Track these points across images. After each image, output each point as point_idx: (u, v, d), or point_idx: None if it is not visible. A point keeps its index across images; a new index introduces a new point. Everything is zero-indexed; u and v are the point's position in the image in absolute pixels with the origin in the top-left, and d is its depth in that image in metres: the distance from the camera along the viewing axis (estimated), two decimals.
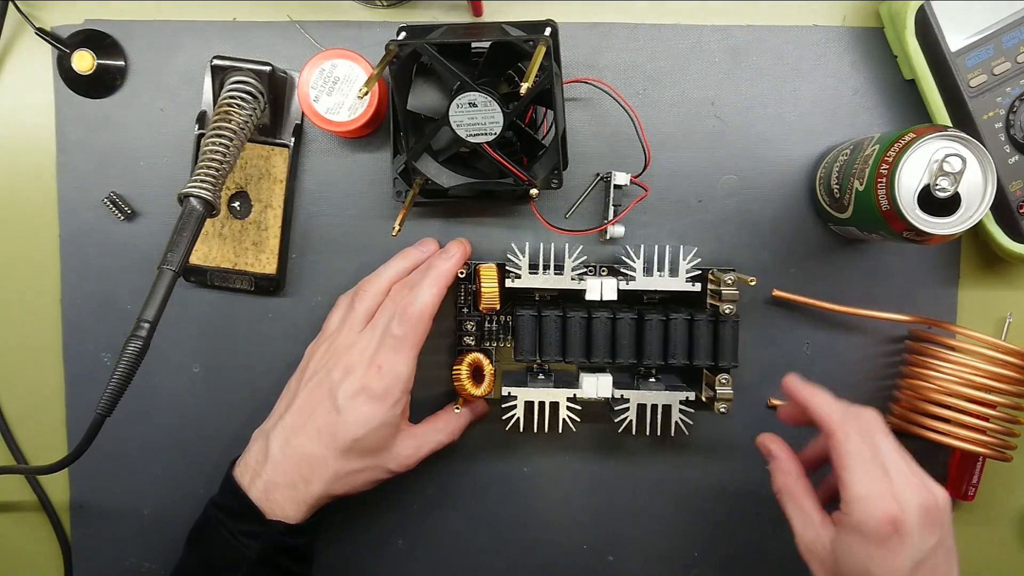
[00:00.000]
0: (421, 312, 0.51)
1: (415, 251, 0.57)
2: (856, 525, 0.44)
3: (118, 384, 0.46)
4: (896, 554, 0.43)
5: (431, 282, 0.52)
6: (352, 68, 0.55)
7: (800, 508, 0.48)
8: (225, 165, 0.52)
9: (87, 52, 0.57)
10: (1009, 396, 0.55)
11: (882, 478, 0.44)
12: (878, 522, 0.43)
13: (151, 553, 0.61)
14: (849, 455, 0.45)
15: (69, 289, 0.60)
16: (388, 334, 0.51)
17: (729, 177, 0.60)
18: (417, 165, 0.53)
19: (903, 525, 0.43)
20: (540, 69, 0.47)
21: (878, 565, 0.43)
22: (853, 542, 0.44)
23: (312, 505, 0.52)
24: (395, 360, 0.51)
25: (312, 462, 0.51)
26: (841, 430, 0.46)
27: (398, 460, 0.54)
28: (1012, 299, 0.60)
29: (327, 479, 0.51)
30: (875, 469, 0.44)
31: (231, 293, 0.60)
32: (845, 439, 0.45)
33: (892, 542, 0.43)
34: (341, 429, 0.51)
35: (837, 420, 0.46)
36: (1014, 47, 0.54)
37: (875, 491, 0.43)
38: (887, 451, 0.45)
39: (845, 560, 0.44)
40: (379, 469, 0.53)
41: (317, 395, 0.52)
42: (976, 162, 0.48)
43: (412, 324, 0.51)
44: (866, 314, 0.58)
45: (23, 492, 0.62)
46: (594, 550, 0.62)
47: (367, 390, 0.51)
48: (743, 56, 0.59)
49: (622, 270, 0.56)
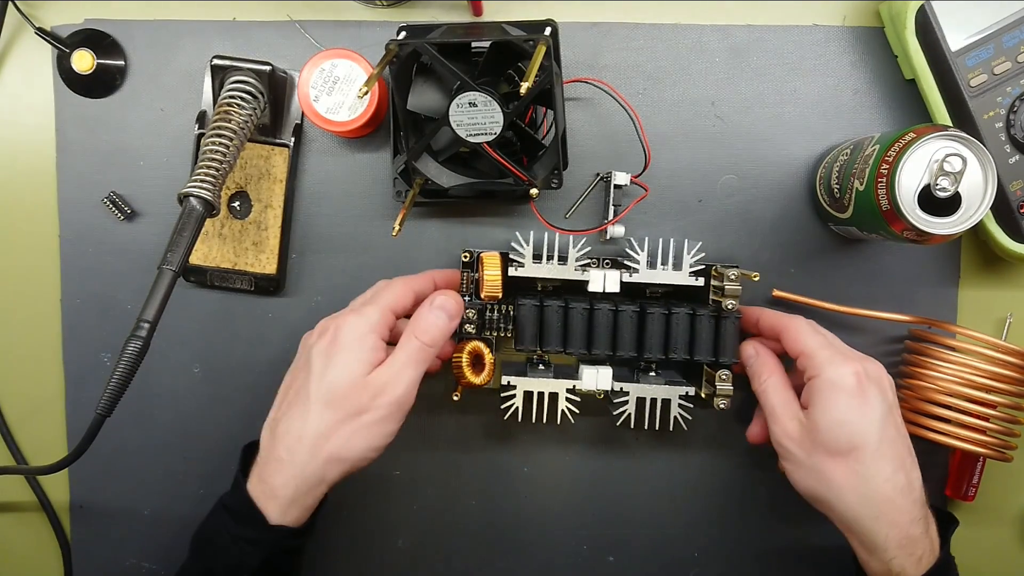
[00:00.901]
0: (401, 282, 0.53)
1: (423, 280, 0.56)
2: (826, 382, 0.50)
3: (118, 384, 0.46)
4: (866, 400, 0.49)
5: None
6: (352, 68, 0.55)
7: (783, 397, 0.53)
8: (225, 165, 0.52)
9: (87, 52, 0.57)
10: (1009, 396, 0.55)
11: (834, 348, 0.52)
12: (845, 375, 0.50)
13: (151, 553, 0.61)
14: (804, 335, 0.52)
15: (69, 289, 0.60)
16: (363, 299, 0.53)
17: (729, 177, 0.59)
18: (417, 165, 0.53)
19: (863, 376, 0.50)
20: (540, 69, 0.47)
21: (856, 415, 0.49)
22: (827, 401, 0.50)
23: (312, 486, 0.49)
24: (368, 311, 0.51)
25: (296, 433, 0.49)
26: (792, 322, 0.53)
27: (379, 395, 0.49)
28: (1012, 299, 0.60)
29: (310, 445, 0.48)
30: (827, 344, 0.52)
31: (231, 293, 0.60)
32: (797, 326, 0.53)
33: (860, 390, 0.49)
34: (313, 380, 0.49)
35: (784, 319, 0.54)
36: (1014, 47, 0.54)
37: (834, 354, 0.51)
38: (831, 337, 0.53)
39: (822, 420, 0.50)
40: (362, 412, 0.49)
41: (297, 367, 0.52)
42: (976, 162, 0.48)
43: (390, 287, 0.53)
44: (866, 314, 0.58)
45: (23, 492, 0.62)
46: (594, 550, 0.62)
47: (336, 340, 0.50)
48: (743, 56, 0.59)
49: (626, 262, 0.55)
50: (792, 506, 0.56)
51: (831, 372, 0.50)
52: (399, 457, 0.61)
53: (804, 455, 0.51)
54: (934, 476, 0.61)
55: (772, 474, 0.59)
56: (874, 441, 0.49)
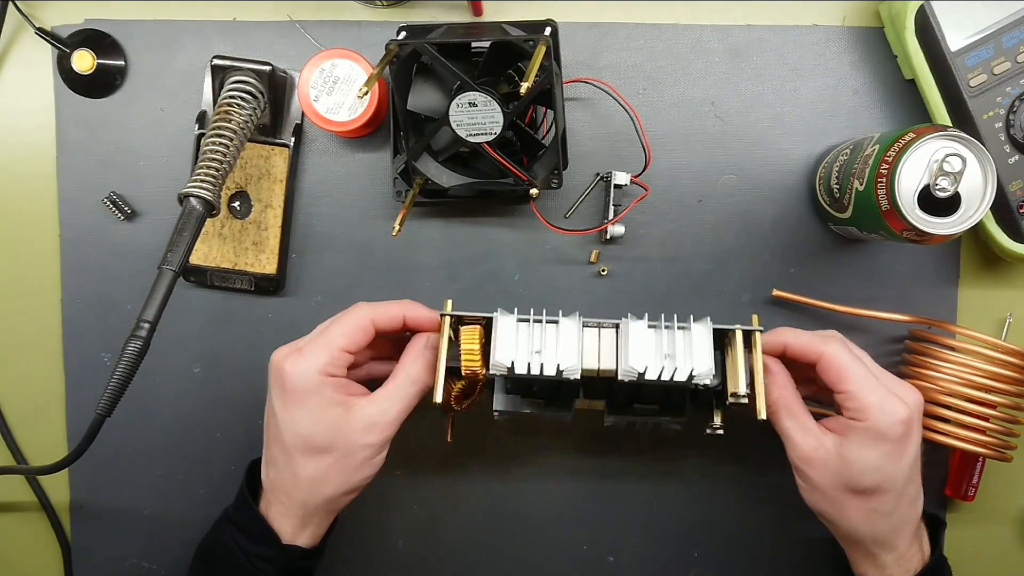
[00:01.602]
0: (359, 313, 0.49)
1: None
2: (872, 430, 0.47)
3: (118, 384, 0.46)
4: (906, 449, 0.47)
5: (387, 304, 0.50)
6: (352, 68, 0.55)
7: (797, 419, 0.50)
8: (225, 165, 0.52)
9: (87, 52, 0.57)
10: (1009, 396, 0.55)
11: (877, 383, 0.48)
12: (895, 424, 0.47)
13: (151, 553, 0.61)
14: (847, 368, 0.48)
15: (69, 289, 0.60)
16: (320, 329, 0.49)
17: (729, 177, 0.60)
18: (417, 165, 0.53)
19: (912, 423, 0.47)
20: (540, 69, 0.47)
21: (892, 462, 0.47)
22: (867, 445, 0.47)
23: (317, 522, 0.50)
24: (315, 352, 0.48)
25: (290, 480, 0.49)
26: (830, 349, 0.48)
27: (368, 432, 0.48)
28: (1012, 299, 0.60)
29: (307, 489, 0.49)
30: (872, 378, 0.48)
31: (231, 293, 0.60)
32: (838, 356, 0.48)
33: (903, 443, 0.47)
34: (285, 432, 0.48)
35: (819, 344, 0.49)
36: (1014, 47, 0.54)
37: (885, 398, 0.47)
38: (868, 361, 0.49)
39: (857, 462, 0.47)
40: (354, 452, 0.48)
41: (268, 406, 0.50)
42: (976, 162, 0.48)
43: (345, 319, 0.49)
44: (866, 314, 0.58)
45: (23, 492, 0.62)
46: (594, 550, 0.62)
47: (287, 391, 0.48)
48: (743, 56, 0.59)
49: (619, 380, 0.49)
50: (792, 507, 0.56)
51: (880, 421, 0.47)
52: (399, 457, 0.60)
53: (823, 482, 0.49)
54: (934, 476, 0.61)
55: (773, 474, 0.59)
56: (901, 484, 0.48)
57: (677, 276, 0.60)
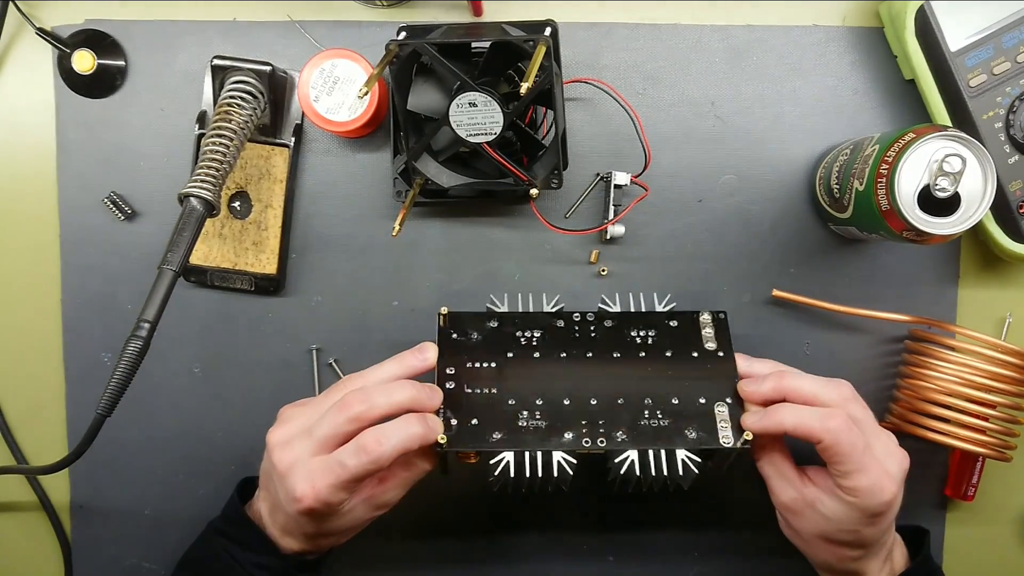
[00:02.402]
0: (379, 457, 0.46)
1: (412, 359, 0.52)
2: (859, 507, 0.48)
3: (118, 384, 0.46)
4: (885, 519, 0.49)
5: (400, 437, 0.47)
6: (352, 68, 0.55)
7: (778, 470, 0.52)
8: (225, 165, 0.52)
9: (87, 52, 0.57)
10: (1009, 396, 0.55)
11: (873, 461, 0.47)
12: (879, 506, 0.47)
13: (151, 553, 0.61)
14: (841, 454, 0.47)
15: (69, 289, 0.60)
16: (337, 460, 0.47)
17: (729, 177, 0.60)
18: (417, 165, 0.53)
19: (896, 496, 0.48)
20: (540, 69, 0.47)
21: (869, 531, 0.49)
22: (850, 515, 0.48)
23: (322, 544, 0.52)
24: (332, 490, 0.47)
25: (290, 526, 0.50)
26: (827, 435, 0.47)
27: (374, 505, 0.51)
28: (1012, 299, 0.60)
29: (312, 535, 0.50)
30: (867, 457, 0.47)
31: (231, 293, 0.60)
32: (835, 441, 0.47)
33: (885, 515, 0.48)
34: (290, 507, 0.48)
35: (820, 428, 0.47)
36: (1014, 47, 0.54)
37: (875, 480, 0.47)
38: (867, 426, 0.49)
39: (835, 522, 0.49)
40: (359, 515, 0.50)
41: (268, 475, 0.50)
42: (976, 162, 0.48)
43: (365, 462, 0.47)
44: (866, 314, 0.58)
45: (23, 492, 0.62)
46: (594, 550, 0.62)
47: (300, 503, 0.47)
48: (743, 56, 0.59)
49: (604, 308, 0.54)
50: None
51: (869, 503, 0.47)
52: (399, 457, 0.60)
53: (798, 527, 0.52)
54: (934, 476, 0.61)
55: None
56: (876, 539, 0.50)
57: (677, 276, 0.60)
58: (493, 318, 0.55)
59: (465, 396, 0.52)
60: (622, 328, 0.55)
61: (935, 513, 0.62)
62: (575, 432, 0.51)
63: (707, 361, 0.53)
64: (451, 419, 0.51)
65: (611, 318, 0.55)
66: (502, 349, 0.54)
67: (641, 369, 0.53)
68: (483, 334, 0.54)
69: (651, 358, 0.54)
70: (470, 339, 0.54)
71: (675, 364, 0.53)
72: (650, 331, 0.55)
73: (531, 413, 0.52)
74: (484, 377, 0.53)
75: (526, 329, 0.55)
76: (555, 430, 0.51)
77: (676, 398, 0.52)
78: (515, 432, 0.51)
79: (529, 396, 0.52)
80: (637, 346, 0.54)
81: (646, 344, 0.54)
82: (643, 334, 0.55)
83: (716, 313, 0.55)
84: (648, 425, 0.51)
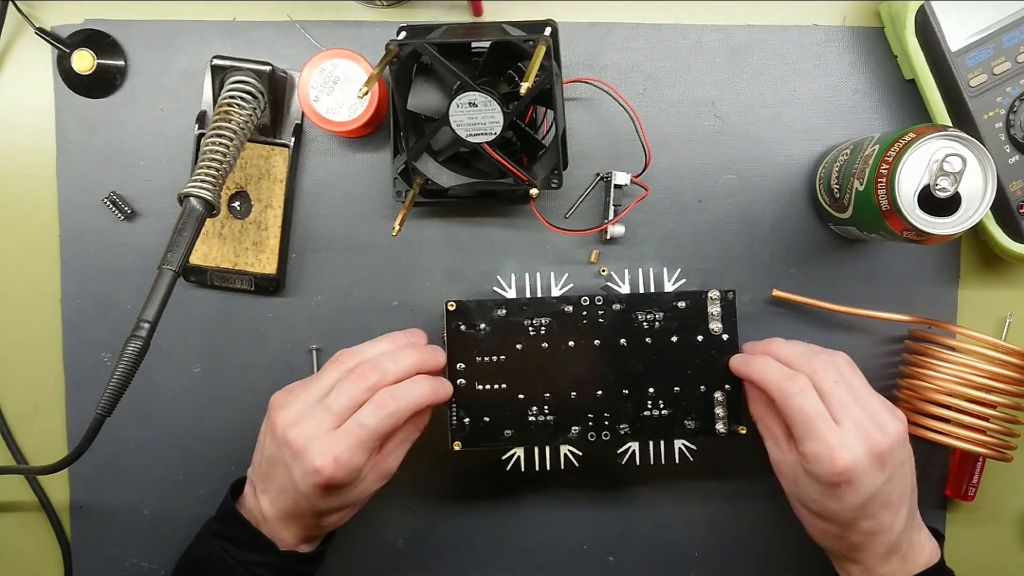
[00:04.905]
0: (395, 411, 0.49)
1: (404, 338, 0.53)
2: (812, 473, 0.48)
3: (118, 384, 0.46)
4: (847, 496, 0.47)
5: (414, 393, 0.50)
6: (352, 68, 0.55)
7: (770, 431, 0.53)
8: (225, 165, 0.52)
9: (87, 52, 0.57)
10: (1009, 396, 0.55)
11: (831, 432, 0.47)
12: (829, 475, 0.47)
13: (151, 553, 0.61)
14: (791, 416, 0.49)
15: (69, 289, 0.60)
16: (356, 422, 0.48)
17: (729, 177, 0.60)
18: (417, 165, 0.53)
19: (853, 472, 0.47)
20: (540, 69, 0.47)
21: (831, 504, 0.48)
22: (810, 483, 0.49)
23: (319, 533, 0.52)
24: (354, 451, 0.48)
25: (291, 511, 0.50)
26: (781, 394, 0.49)
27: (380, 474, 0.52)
28: (1012, 299, 0.60)
29: (313, 516, 0.50)
30: (821, 424, 0.48)
31: (231, 293, 0.60)
32: (786, 404, 0.49)
33: (843, 488, 0.47)
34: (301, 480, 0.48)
35: (775, 385, 0.49)
36: (1014, 47, 0.54)
37: (823, 449, 0.47)
38: (839, 398, 0.48)
39: (805, 491, 0.50)
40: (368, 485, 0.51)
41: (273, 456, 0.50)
42: (976, 162, 0.48)
43: (383, 417, 0.48)
44: (866, 314, 0.58)
45: (23, 492, 0.62)
46: (594, 550, 0.62)
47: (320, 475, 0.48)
48: (743, 56, 0.59)
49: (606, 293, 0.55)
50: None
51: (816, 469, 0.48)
52: None
53: (786, 490, 0.52)
54: (934, 476, 0.61)
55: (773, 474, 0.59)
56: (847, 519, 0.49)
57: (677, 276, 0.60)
58: (501, 306, 0.55)
59: (476, 394, 0.55)
60: (630, 311, 0.55)
61: (935, 513, 0.62)
62: (581, 426, 0.55)
63: (711, 346, 0.55)
64: (464, 418, 0.55)
65: (620, 301, 0.55)
66: (511, 340, 0.55)
67: (647, 356, 0.55)
68: (491, 325, 0.55)
69: (657, 344, 0.55)
70: (478, 331, 0.55)
71: (680, 349, 0.55)
72: (658, 314, 0.55)
73: (540, 408, 0.55)
74: (494, 372, 0.55)
75: (534, 317, 0.55)
76: (563, 424, 0.55)
77: (678, 386, 0.55)
78: (525, 428, 0.55)
79: (538, 390, 0.55)
80: (644, 331, 0.55)
81: (653, 329, 0.55)
82: (651, 317, 0.55)
83: (725, 292, 0.55)
84: (651, 416, 0.55)
